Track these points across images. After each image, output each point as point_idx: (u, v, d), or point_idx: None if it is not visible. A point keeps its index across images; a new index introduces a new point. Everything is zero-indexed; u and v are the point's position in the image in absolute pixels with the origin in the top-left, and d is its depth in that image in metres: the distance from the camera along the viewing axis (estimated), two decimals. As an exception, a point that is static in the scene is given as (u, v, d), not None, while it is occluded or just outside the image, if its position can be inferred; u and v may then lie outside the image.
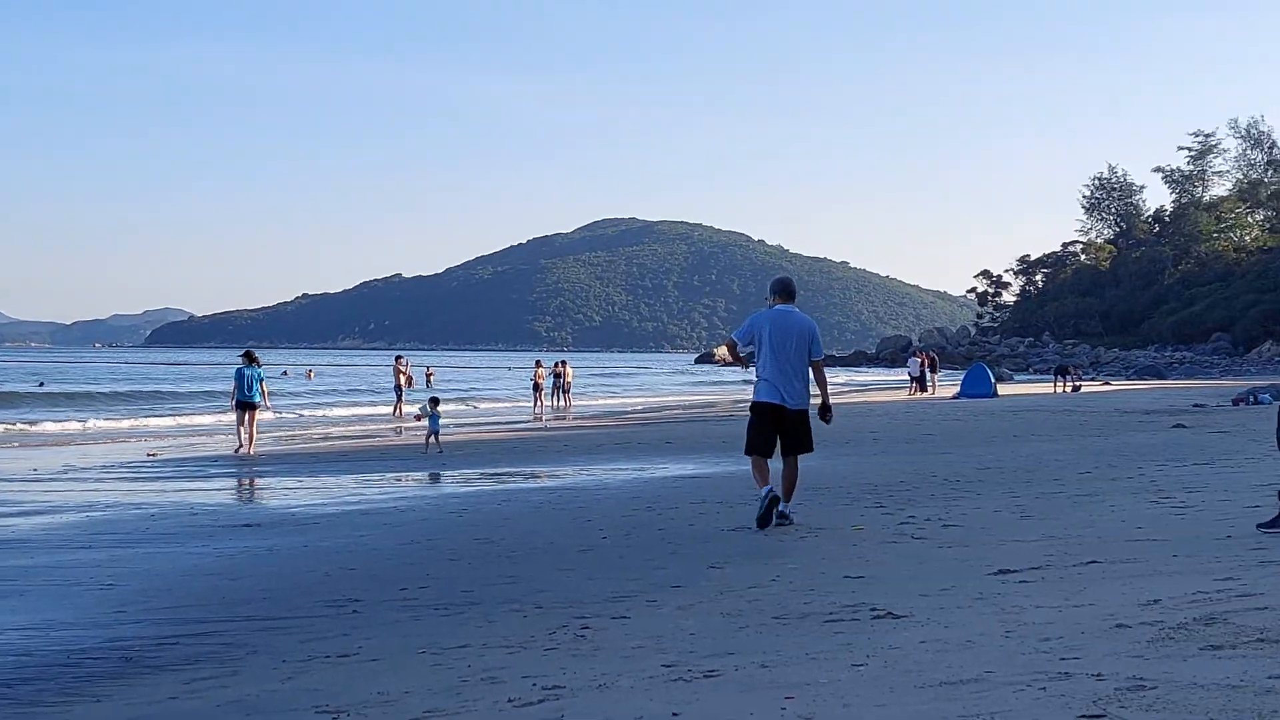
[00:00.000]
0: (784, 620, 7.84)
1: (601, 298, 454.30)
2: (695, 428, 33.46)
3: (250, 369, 27.84)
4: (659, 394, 69.66)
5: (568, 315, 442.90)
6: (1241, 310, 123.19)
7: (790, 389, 12.83)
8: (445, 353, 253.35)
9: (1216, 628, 6.16)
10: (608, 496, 16.72)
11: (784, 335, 12.74)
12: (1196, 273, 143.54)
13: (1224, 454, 19.64)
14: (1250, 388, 45.61)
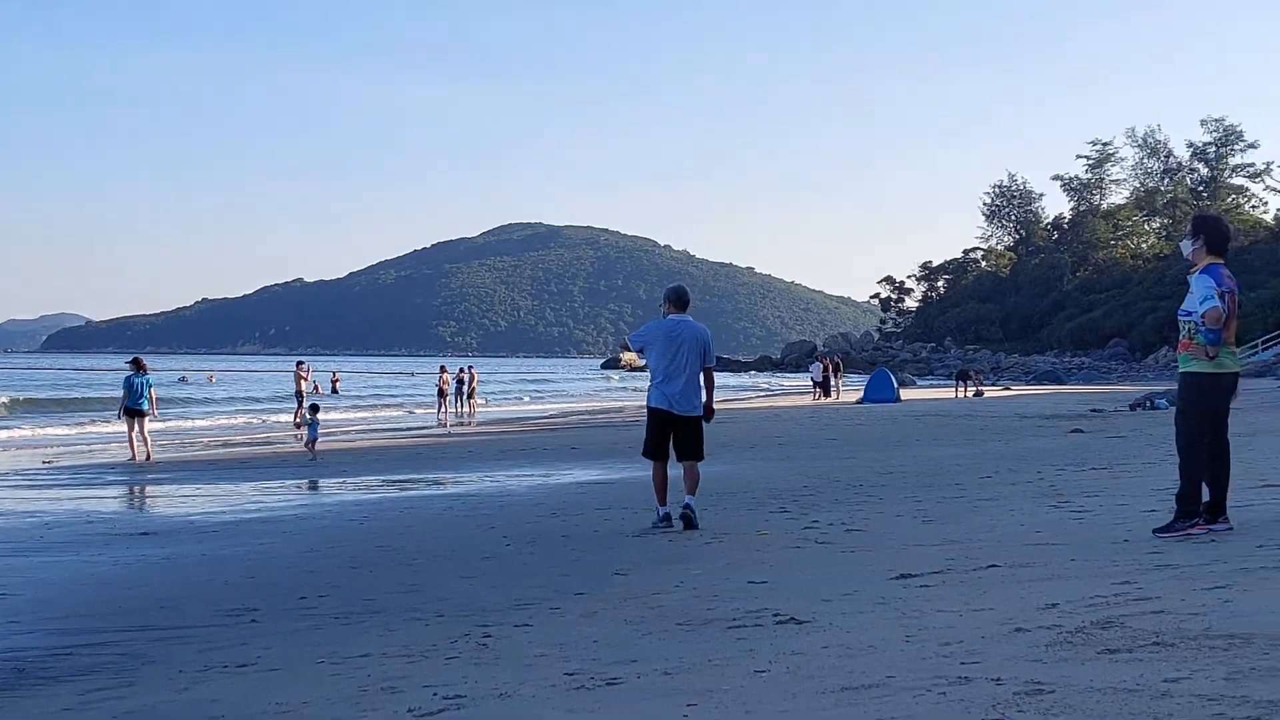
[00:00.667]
0: (687, 626, 7.83)
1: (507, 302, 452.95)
2: (601, 433, 33.43)
3: (139, 376, 27.57)
4: (565, 399, 69.59)
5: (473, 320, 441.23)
6: (1138, 316, 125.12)
7: (680, 395, 13.24)
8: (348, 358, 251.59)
9: (1113, 631, 6.23)
10: (512, 503, 16.66)
11: (676, 343, 13.14)
12: (1094, 279, 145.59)
13: (1121, 459, 19.90)
14: (1147, 393, 46.28)
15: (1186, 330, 9.92)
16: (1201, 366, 9.86)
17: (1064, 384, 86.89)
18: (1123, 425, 30.68)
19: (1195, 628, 6.14)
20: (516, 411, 54.13)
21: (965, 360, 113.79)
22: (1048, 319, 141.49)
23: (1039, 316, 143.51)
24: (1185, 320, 9.94)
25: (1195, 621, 6.29)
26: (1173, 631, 6.10)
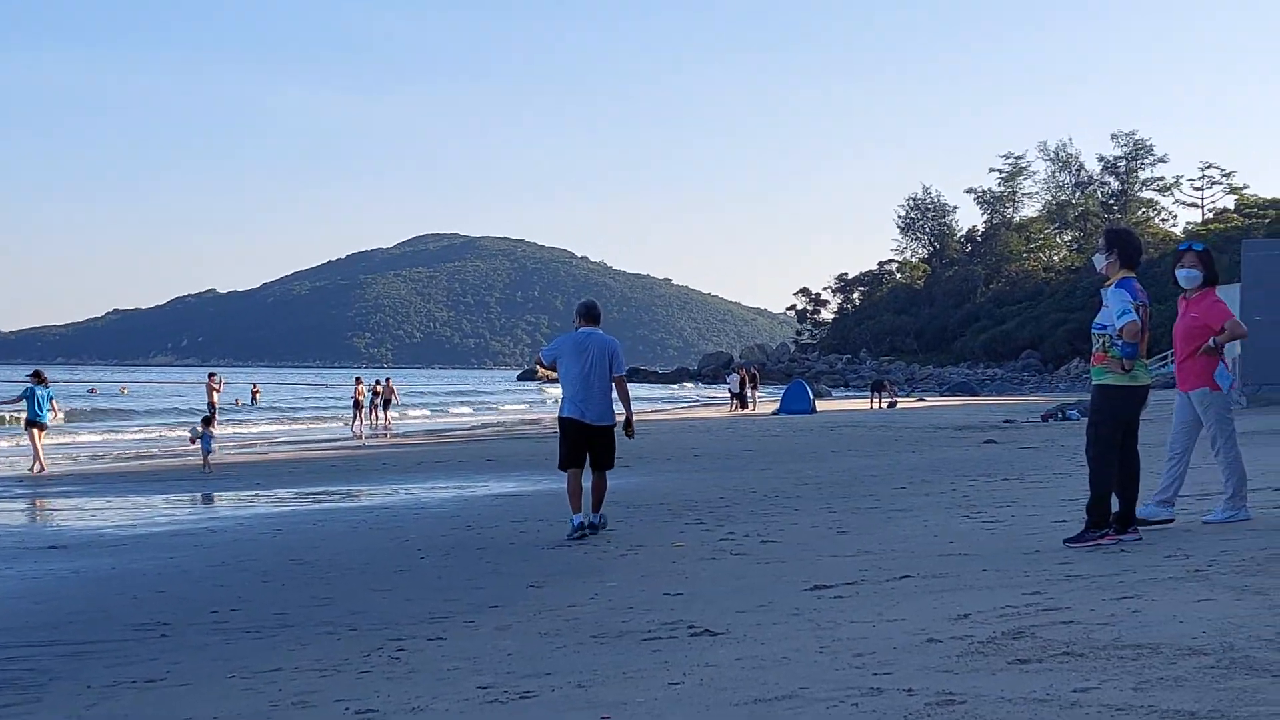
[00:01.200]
0: (602, 639, 7.81)
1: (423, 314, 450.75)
2: (517, 445, 33.34)
3: (40, 389, 27.30)
4: (481, 411, 69.37)
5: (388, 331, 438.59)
6: (1050, 328, 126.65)
7: (590, 405, 13.69)
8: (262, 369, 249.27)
9: (1024, 641, 6.27)
10: (427, 515, 16.57)
11: (584, 355, 13.64)
12: (1007, 291, 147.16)
13: (1033, 469, 20.09)
14: (1058, 404, 46.80)
15: (1101, 343, 10.02)
16: (1116, 379, 9.97)
17: (977, 395, 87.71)
18: (1035, 436, 31.00)
19: (1104, 638, 6.20)
20: (432, 423, 53.89)
21: (880, 371, 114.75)
22: (961, 331, 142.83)
23: (953, 328, 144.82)
24: (1099, 333, 10.04)
25: (1104, 631, 6.35)
26: (1082, 641, 6.15)
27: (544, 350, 14.05)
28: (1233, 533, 10.01)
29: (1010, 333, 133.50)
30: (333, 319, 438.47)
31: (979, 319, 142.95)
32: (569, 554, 12.39)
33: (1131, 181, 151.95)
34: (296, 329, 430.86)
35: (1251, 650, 5.69)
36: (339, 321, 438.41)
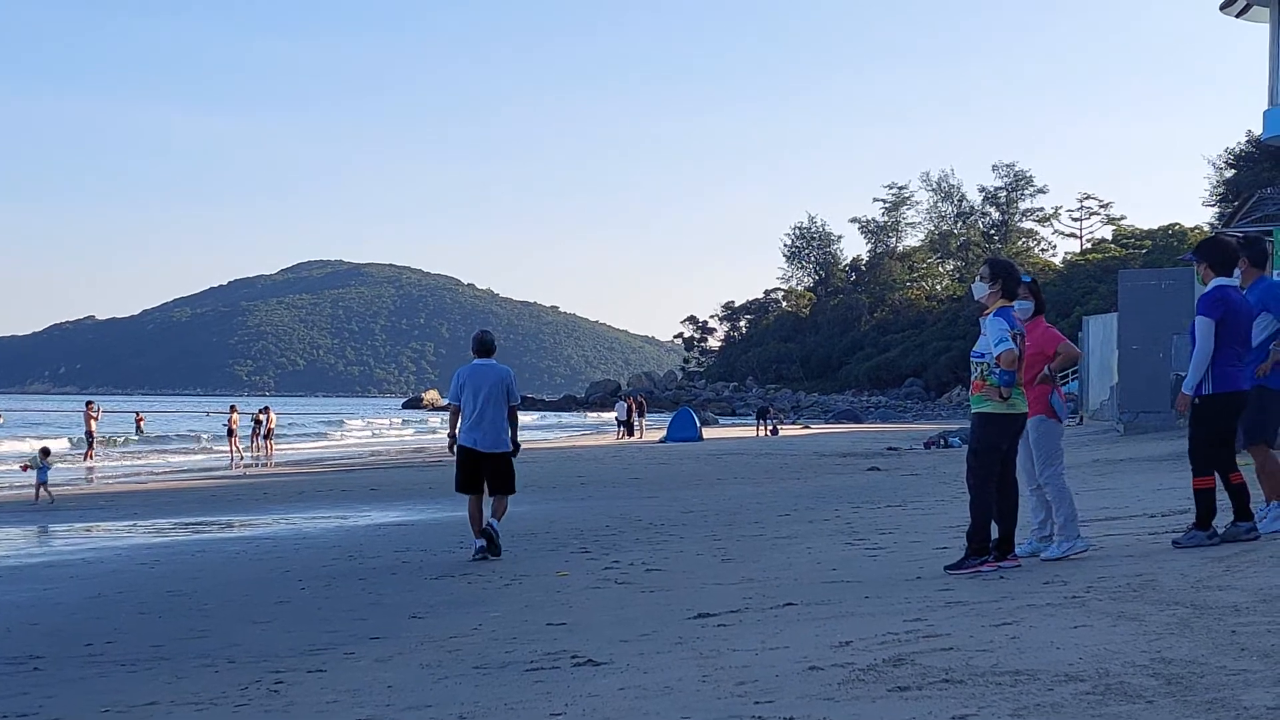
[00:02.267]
0: (484, 670, 7.75)
1: (306, 341, 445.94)
2: (401, 474, 33.08)
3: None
4: (364, 439, 68.79)
5: (270, 359, 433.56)
6: (933, 356, 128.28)
7: (486, 434, 14.20)
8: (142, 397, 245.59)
9: (904, 668, 6.30)
10: (308, 546, 16.36)
11: (481, 386, 14.18)
12: (891, 320, 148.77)
13: (915, 496, 20.29)
14: (941, 431, 47.35)
15: (979, 372, 10.13)
16: (995, 407, 10.08)
17: (862, 422, 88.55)
18: (917, 463, 31.32)
19: (983, 664, 6.24)
20: (315, 452, 53.33)
21: (766, 399, 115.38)
22: (846, 359, 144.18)
23: (838, 356, 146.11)
24: (978, 362, 10.15)
25: (983, 658, 6.39)
26: (962, 668, 6.19)
27: (449, 394, 14.53)
28: (1109, 559, 10.15)
29: (894, 361, 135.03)
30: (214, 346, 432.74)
31: (863, 347, 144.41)
32: (452, 584, 12.31)
33: (1012, 212, 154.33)
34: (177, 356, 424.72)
35: (1126, 676, 5.76)
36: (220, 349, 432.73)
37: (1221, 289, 10.25)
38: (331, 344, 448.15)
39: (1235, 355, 10.20)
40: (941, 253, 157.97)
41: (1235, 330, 10.16)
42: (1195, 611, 7.25)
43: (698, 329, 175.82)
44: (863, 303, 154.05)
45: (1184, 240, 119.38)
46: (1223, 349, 10.12)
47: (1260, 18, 29.75)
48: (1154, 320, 34.74)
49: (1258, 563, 9.13)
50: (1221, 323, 10.10)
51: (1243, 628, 6.68)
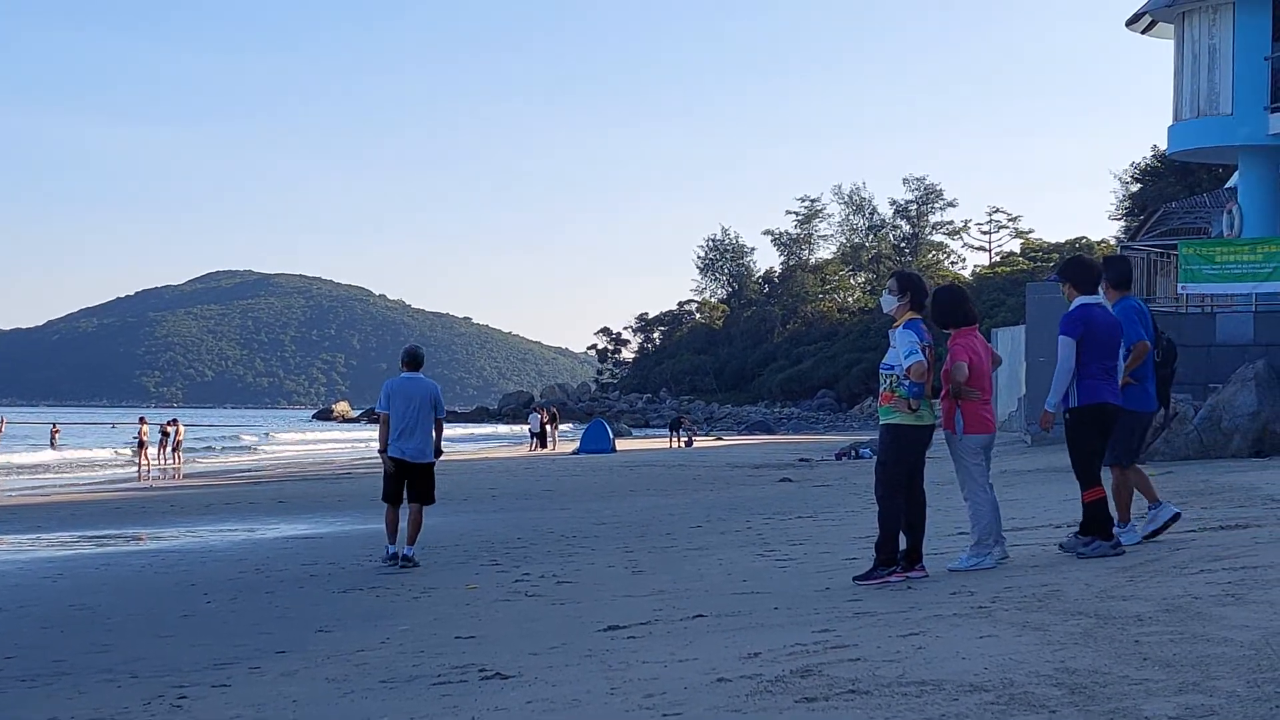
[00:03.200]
0: (391, 684, 7.69)
1: (215, 352, 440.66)
2: (310, 486, 32.80)
3: None
4: (273, 451, 68.19)
5: (178, 370, 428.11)
6: (845, 368, 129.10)
7: (410, 444, 14.59)
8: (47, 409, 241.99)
9: (812, 680, 6.31)
10: (214, 559, 16.18)
11: (408, 399, 14.60)
12: (804, 332, 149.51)
13: (826, 507, 20.37)
14: (852, 442, 47.65)
15: (888, 383, 10.19)
16: (903, 419, 10.14)
17: (774, 434, 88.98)
18: (829, 474, 31.49)
19: (890, 674, 6.27)
20: (222, 464, 52.79)
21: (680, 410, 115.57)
22: (759, 370, 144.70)
23: (751, 368, 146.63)
24: (887, 373, 10.21)
25: (890, 668, 6.42)
26: (869, 679, 6.21)
27: (378, 405, 14.94)
28: (1015, 570, 10.23)
29: (806, 372, 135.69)
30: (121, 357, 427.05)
31: (776, 359, 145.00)
32: (360, 597, 12.21)
33: (922, 225, 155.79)
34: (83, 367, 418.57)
35: (1030, 686, 5.80)
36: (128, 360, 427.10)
37: (1083, 308, 10.50)
38: (240, 355, 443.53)
39: (1101, 370, 10.42)
40: (853, 265, 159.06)
41: (1097, 347, 10.38)
42: (1099, 621, 7.32)
43: (611, 341, 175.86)
44: (776, 315, 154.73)
45: (1091, 253, 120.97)
46: (1087, 364, 10.35)
47: (1165, 34, 30.23)
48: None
49: (1161, 573, 9.24)
50: (1082, 340, 10.34)
51: (1145, 637, 6.75)
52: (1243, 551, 10.03)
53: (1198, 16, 28.86)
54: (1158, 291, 29.39)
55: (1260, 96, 27.96)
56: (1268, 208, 29.24)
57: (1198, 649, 6.38)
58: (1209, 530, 12.00)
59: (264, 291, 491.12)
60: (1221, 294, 27.71)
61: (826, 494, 23.95)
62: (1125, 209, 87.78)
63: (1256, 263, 27.02)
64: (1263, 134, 28.04)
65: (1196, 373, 26.44)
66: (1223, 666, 5.95)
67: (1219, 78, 28.50)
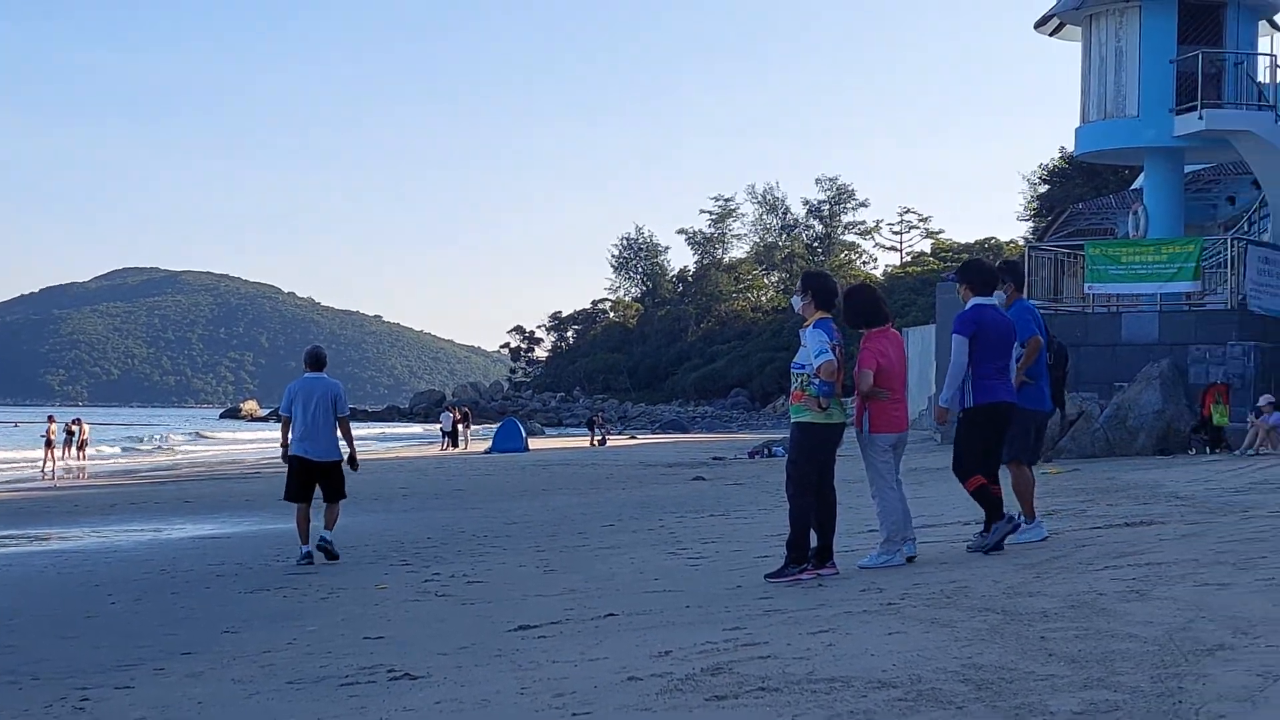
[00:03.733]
0: (298, 685, 7.61)
1: (121, 350, 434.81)
2: (217, 486, 32.47)
3: None
4: (180, 451, 67.47)
5: (83, 368, 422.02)
6: (758, 366, 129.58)
7: (315, 444, 14.73)
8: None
9: (722, 677, 6.31)
10: (119, 559, 15.96)
11: (310, 398, 14.71)
12: (717, 331, 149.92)
13: (739, 505, 20.43)
14: (765, 441, 47.81)
15: (799, 382, 10.23)
16: (814, 417, 10.18)
17: (688, 432, 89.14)
18: (742, 473, 31.57)
19: (800, 671, 6.28)
20: (128, 464, 52.14)
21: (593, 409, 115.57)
22: (673, 369, 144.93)
23: (665, 367, 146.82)
24: (798, 373, 10.25)
25: (800, 665, 6.43)
26: (779, 676, 6.22)
27: (281, 407, 15.13)
28: (924, 567, 10.30)
29: (720, 371, 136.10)
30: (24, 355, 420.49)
31: (690, 358, 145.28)
32: (267, 598, 12.08)
33: (835, 225, 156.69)
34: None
35: (938, 683, 5.83)
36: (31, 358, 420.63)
37: (977, 308, 10.82)
38: (147, 353, 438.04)
39: (995, 369, 10.70)
40: (766, 264, 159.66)
41: (990, 346, 10.69)
42: (1006, 618, 7.38)
43: (525, 339, 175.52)
44: (689, 314, 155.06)
45: (999, 253, 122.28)
46: (981, 364, 10.67)
47: (1073, 37, 30.56)
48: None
49: (1068, 569, 9.34)
50: (975, 339, 10.65)
51: (1051, 633, 6.81)
52: (1147, 548, 10.16)
53: (1104, 19, 29.21)
54: (1065, 291, 29.70)
55: (1166, 99, 28.34)
56: (1172, 209, 29.66)
57: (1102, 645, 6.44)
58: (1114, 527, 12.15)
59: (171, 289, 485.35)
60: (1127, 294, 28.07)
61: (739, 492, 24.02)
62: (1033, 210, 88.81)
63: (1161, 263, 27.39)
64: (1168, 136, 28.42)
65: (1102, 372, 26.79)
66: (1127, 662, 6.02)
67: (1125, 80, 28.86)
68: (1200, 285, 27.39)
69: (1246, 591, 7.73)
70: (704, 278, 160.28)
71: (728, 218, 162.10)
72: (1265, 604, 7.26)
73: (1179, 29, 28.29)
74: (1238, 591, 7.75)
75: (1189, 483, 16.89)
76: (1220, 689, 5.44)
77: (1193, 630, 6.67)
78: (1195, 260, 27.04)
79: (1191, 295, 27.55)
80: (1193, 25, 28.42)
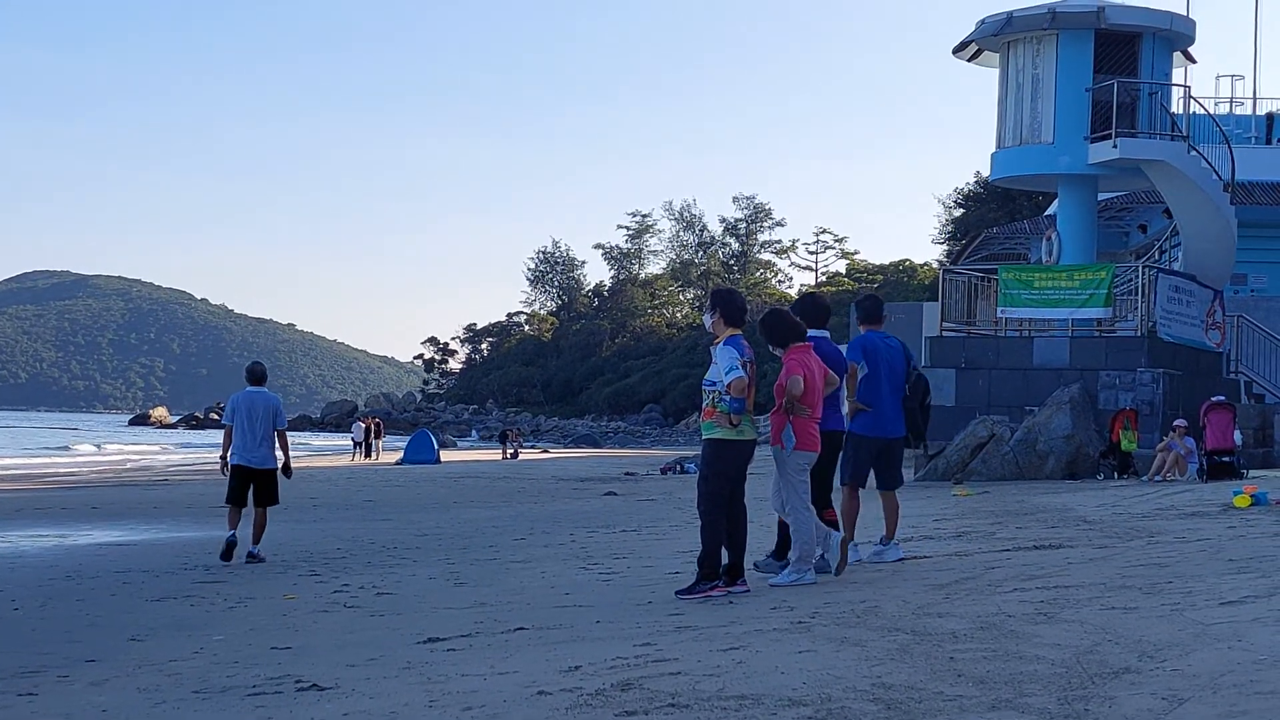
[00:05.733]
0: (204, 694, 7.52)
1: (29, 353, 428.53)
2: (125, 492, 32.05)
3: None
4: (88, 456, 66.57)
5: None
6: (672, 383, 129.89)
7: (254, 453, 15.87)
8: None
9: (632, 693, 6.31)
10: (23, 565, 15.70)
11: (252, 412, 15.88)
12: (632, 346, 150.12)
13: (651, 521, 20.44)
14: (678, 457, 47.88)
15: (710, 399, 10.27)
16: (725, 434, 10.22)
17: (601, 447, 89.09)
18: (654, 488, 31.60)
19: (710, 688, 6.29)
20: (33, 468, 51.37)
21: (507, 422, 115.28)
22: (587, 384, 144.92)
23: (579, 381, 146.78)
24: (710, 390, 10.30)
25: (710, 682, 6.44)
26: (689, 692, 6.23)
27: (224, 418, 16.30)
28: (834, 586, 10.36)
29: (634, 387, 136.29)
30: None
31: (604, 373, 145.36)
32: (174, 606, 11.94)
33: (751, 243, 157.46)
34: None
35: (848, 701, 5.86)
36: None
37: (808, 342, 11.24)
38: (56, 357, 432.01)
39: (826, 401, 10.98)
40: (682, 281, 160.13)
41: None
42: (916, 638, 7.43)
43: (438, 350, 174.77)
44: (604, 329, 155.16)
45: (914, 275, 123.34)
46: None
47: (990, 63, 30.88)
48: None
49: (976, 591, 9.41)
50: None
51: (960, 654, 6.86)
52: (1055, 571, 10.27)
53: (1022, 46, 29.55)
54: (978, 314, 29.95)
55: (1080, 127, 28.69)
56: (1085, 235, 30.02)
57: (1011, 666, 6.50)
58: (1023, 550, 12.27)
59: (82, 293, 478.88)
60: (1039, 319, 28.36)
61: (651, 508, 24.03)
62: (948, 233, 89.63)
63: (1074, 289, 27.70)
64: (1082, 163, 28.77)
65: (1013, 395, 27.05)
66: (1035, 684, 6.07)
67: (1041, 107, 29.19)
68: (1111, 311, 27.73)
69: (1152, 616, 7.83)
70: (620, 293, 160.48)
71: (644, 234, 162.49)
72: (1171, 628, 7.35)
73: (1095, 58, 28.65)
74: (1144, 615, 7.85)
75: (1097, 507, 17.09)
76: (1127, 711, 5.50)
77: (1100, 653, 6.74)
78: (1107, 287, 27.37)
79: (1103, 321, 27.88)
80: (1109, 55, 28.80)
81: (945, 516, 17.06)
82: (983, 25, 30.05)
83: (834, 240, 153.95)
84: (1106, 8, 28.66)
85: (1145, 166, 28.30)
